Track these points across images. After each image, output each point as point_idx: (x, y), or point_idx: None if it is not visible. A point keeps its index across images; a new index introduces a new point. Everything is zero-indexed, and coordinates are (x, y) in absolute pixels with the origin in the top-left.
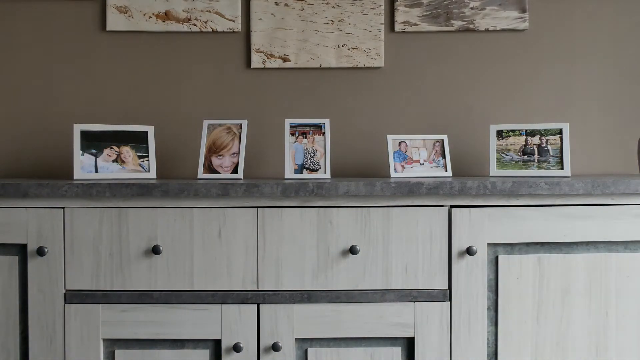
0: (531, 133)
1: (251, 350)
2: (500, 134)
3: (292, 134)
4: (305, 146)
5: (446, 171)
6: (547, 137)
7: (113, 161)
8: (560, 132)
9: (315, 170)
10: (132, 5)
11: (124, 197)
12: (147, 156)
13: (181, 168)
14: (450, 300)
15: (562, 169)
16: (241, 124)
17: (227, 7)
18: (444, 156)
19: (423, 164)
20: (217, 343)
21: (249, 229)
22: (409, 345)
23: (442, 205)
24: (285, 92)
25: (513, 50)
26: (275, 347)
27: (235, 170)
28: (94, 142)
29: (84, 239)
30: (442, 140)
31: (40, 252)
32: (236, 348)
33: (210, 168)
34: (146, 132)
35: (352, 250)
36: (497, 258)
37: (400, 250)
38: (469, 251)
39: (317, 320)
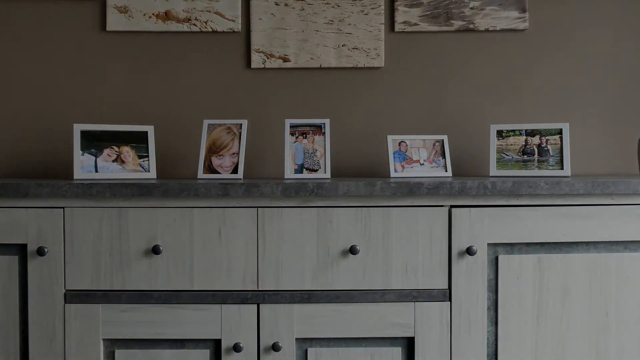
0: (531, 133)
1: (251, 350)
2: (500, 134)
3: (292, 134)
4: (305, 146)
5: (446, 171)
6: (547, 137)
7: (113, 161)
8: (560, 132)
9: (315, 170)
10: (132, 5)
11: (124, 197)
12: (147, 156)
13: (181, 168)
14: (450, 300)
15: (562, 169)
16: (241, 124)
17: (227, 7)
18: (444, 156)
19: (423, 164)
20: (217, 343)
21: (249, 229)
22: (409, 345)
23: (442, 205)
24: (285, 92)
25: (513, 50)
26: (275, 347)
27: (235, 170)
28: (94, 142)
29: (84, 239)
30: (442, 140)
31: (40, 252)
32: (236, 348)
33: (210, 168)
34: (146, 132)
35: (352, 250)
36: (497, 258)
37: (400, 250)
38: (469, 251)
39: (317, 320)
